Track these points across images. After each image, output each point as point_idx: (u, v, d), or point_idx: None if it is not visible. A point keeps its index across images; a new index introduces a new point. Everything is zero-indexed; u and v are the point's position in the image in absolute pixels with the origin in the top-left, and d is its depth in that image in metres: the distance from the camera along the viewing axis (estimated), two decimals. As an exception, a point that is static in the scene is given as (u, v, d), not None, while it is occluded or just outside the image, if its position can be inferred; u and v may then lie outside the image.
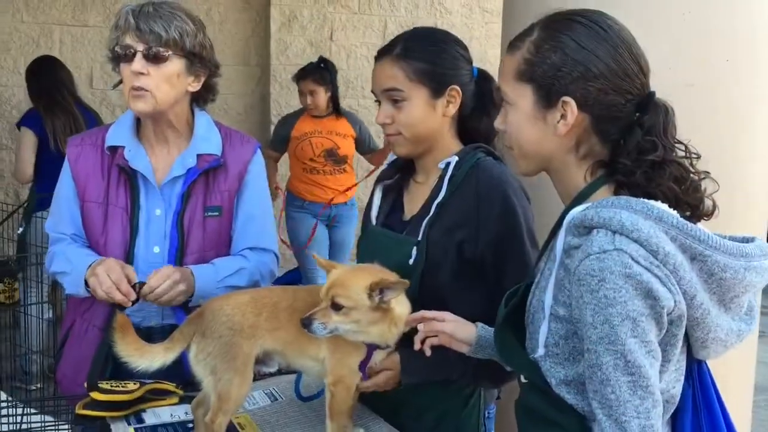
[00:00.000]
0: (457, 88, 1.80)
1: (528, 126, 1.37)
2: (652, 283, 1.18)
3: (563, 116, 1.32)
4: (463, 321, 1.66)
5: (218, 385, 1.63)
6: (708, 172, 1.34)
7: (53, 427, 1.82)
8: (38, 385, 4.30)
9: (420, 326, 1.64)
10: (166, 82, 1.95)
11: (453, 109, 1.81)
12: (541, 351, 1.34)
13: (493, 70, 1.82)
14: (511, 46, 1.41)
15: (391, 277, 1.62)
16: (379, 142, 5.67)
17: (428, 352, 1.64)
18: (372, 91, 1.86)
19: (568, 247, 1.29)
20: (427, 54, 1.78)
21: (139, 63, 1.92)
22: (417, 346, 1.64)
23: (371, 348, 1.65)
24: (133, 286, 1.87)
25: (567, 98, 1.31)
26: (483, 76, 1.88)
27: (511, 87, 1.39)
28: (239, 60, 6.71)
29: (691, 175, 1.31)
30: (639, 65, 1.33)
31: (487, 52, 6.92)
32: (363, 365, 1.66)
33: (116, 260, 1.91)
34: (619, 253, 1.18)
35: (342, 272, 1.64)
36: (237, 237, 2.10)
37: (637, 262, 1.18)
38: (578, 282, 1.22)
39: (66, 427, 1.85)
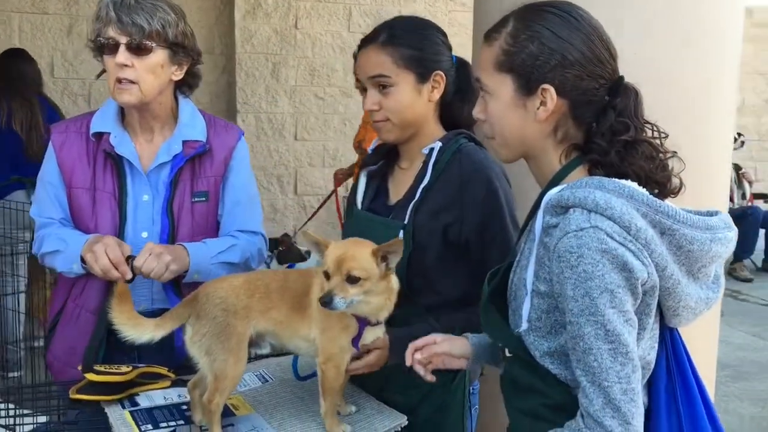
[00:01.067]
0: (441, 73, 1.85)
1: (509, 114, 1.43)
2: (627, 256, 1.25)
3: (543, 103, 1.39)
4: (454, 337, 1.69)
5: (214, 366, 1.66)
6: (675, 152, 1.41)
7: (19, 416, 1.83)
8: (19, 373, 4.28)
9: (417, 355, 1.65)
10: (150, 73, 1.96)
11: (437, 95, 1.86)
12: (524, 326, 1.40)
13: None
14: (487, 37, 1.46)
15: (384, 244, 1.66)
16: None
17: (433, 378, 1.66)
18: (357, 79, 1.90)
19: (546, 226, 1.35)
20: (412, 40, 1.83)
21: (122, 55, 1.93)
22: (429, 378, 1.65)
23: (362, 324, 1.70)
24: (127, 260, 1.90)
25: (546, 85, 1.38)
26: (461, 63, 1.94)
27: (491, 77, 1.44)
28: (203, 48, 6.54)
29: (660, 154, 1.39)
30: (609, 51, 1.41)
31: (450, 40, 7.00)
32: (356, 341, 1.71)
33: (114, 238, 1.93)
34: (594, 230, 1.25)
35: (345, 246, 1.67)
36: (224, 221, 2.14)
37: (612, 238, 1.25)
38: (558, 259, 1.29)
39: (29, 414, 1.86)
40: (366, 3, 7.12)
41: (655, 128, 1.42)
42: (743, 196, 8.40)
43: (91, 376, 1.79)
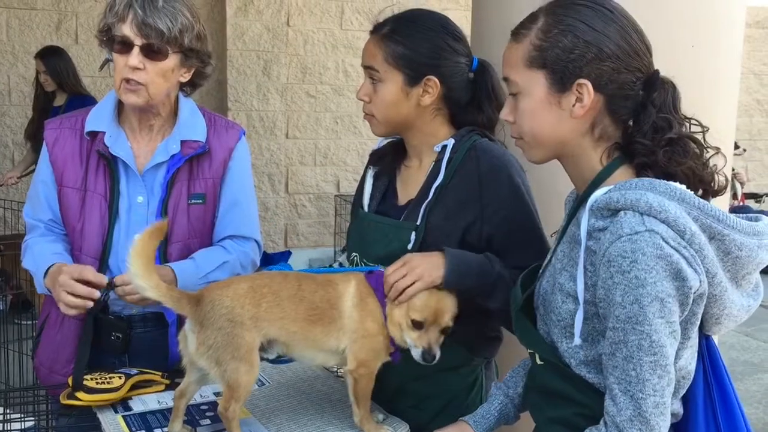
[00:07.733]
0: (435, 79, 1.74)
1: (542, 112, 1.36)
2: (681, 264, 1.20)
3: (579, 99, 1.33)
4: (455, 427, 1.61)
5: (225, 375, 1.58)
6: (719, 148, 1.35)
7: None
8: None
9: None
10: (161, 76, 1.91)
11: (429, 100, 1.76)
12: (577, 341, 1.34)
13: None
14: (515, 34, 1.40)
15: None
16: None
17: None
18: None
19: (592, 229, 1.29)
20: (410, 40, 1.73)
21: (136, 58, 1.87)
22: None
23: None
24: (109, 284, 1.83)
25: (583, 80, 1.32)
26: (483, 68, 1.82)
27: (522, 75, 1.37)
28: (194, 45, 6.60)
29: (705, 150, 1.33)
30: (645, 43, 1.35)
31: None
32: (394, 356, 1.68)
33: (70, 271, 1.81)
34: (650, 234, 1.19)
35: (439, 296, 1.66)
36: (219, 223, 2.07)
37: (668, 243, 1.20)
38: (608, 263, 1.23)
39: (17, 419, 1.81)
40: (358, 1, 7.07)
41: (693, 122, 1.36)
42: (734, 196, 8.42)
43: (81, 395, 1.73)
